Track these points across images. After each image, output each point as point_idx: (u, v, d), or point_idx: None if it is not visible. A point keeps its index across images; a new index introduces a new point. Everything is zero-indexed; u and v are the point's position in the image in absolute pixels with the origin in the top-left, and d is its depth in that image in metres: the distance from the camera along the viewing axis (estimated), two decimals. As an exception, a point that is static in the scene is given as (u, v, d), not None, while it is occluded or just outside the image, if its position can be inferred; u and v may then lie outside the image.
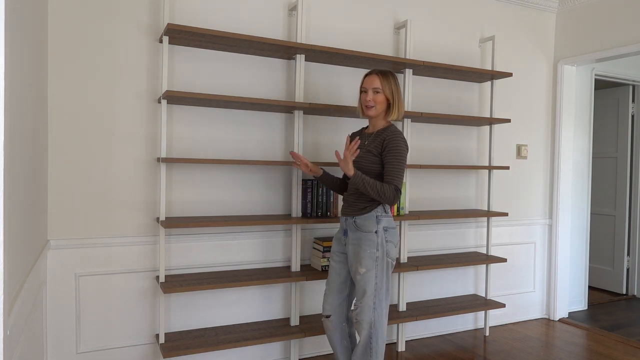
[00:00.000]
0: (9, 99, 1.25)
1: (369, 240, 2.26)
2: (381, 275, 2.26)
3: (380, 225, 2.27)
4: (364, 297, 2.26)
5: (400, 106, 2.37)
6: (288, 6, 2.90)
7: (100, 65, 2.46)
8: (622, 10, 3.45)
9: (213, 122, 2.72)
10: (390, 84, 2.34)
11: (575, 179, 4.07)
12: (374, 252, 2.25)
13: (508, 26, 3.69)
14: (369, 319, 2.25)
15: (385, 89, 2.33)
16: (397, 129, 2.34)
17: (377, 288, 2.26)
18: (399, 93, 2.36)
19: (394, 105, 2.35)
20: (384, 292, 2.28)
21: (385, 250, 2.27)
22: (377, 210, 2.29)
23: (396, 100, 2.35)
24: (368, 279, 2.25)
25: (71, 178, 2.42)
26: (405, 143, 2.31)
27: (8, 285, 1.30)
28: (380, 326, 2.28)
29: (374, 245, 2.25)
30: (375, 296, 2.25)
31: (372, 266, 2.24)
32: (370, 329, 2.26)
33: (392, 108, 2.36)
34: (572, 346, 3.35)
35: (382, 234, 2.27)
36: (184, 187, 2.66)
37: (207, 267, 2.74)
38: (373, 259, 2.25)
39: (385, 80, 2.33)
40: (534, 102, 3.85)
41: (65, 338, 2.44)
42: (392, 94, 2.34)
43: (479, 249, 3.63)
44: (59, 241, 2.40)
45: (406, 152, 2.30)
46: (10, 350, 1.32)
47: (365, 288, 2.25)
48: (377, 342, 2.28)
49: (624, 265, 4.66)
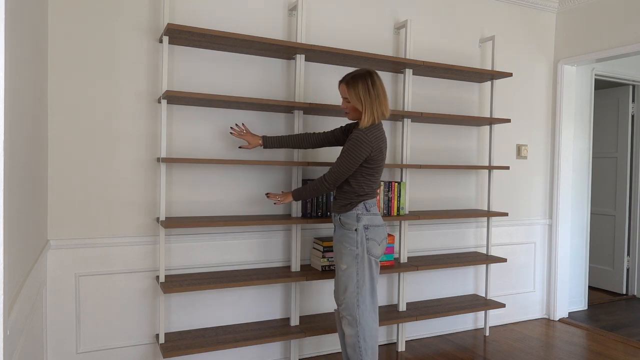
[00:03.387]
0: (9, 99, 1.25)
1: (349, 238, 2.32)
2: (362, 273, 2.31)
3: (360, 224, 2.32)
4: (346, 293, 2.32)
5: (374, 110, 2.26)
6: (288, 6, 2.90)
7: (100, 65, 2.46)
8: (622, 10, 3.45)
9: (213, 122, 2.72)
10: (358, 90, 2.26)
11: (575, 179, 4.08)
12: (354, 250, 2.30)
13: (508, 26, 3.69)
14: (353, 316, 2.31)
15: (351, 97, 2.28)
16: (365, 129, 2.25)
17: (359, 285, 2.31)
18: (372, 96, 2.25)
19: (365, 110, 2.26)
20: (368, 289, 2.33)
21: (365, 247, 2.31)
22: (358, 208, 2.33)
23: (366, 106, 2.25)
24: (349, 276, 2.31)
25: (71, 178, 2.42)
26: (364, 145, 2.23)
27: (8, 285, 1.30)
28: (367, 324, 2.32)
29: (353, 242, 2.30)
30: (358, 293, 2.31)
31: (353, 263, 2.30)
32: (357, 327, 2.31)
33: (363, 114, 2.27)
34: (572, 346, 3.35)
35: (362, 232, 2.31)
36: (184, 187, 2.66)
37: (207, 267, 2.74)
38: (353, 256, 2.30)
39: (351, 88, 2.27)
40: (534, 102, 3.85)
41: (65, 338, 2.44)
42: (360, 100, 2.26)
43: (479, 249, 3.63)
44: (59, 241, 2.40)
45: (357, 152, 2.23)
46: (10, 350, 1.32)
47: (347, 284, 2.31)
48: (364, 340, 2.31)
49: (624, 265, 4.66)
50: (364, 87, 2.26)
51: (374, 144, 2.26)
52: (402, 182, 3.07)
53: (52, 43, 2.36)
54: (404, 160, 3.13)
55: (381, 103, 2.29)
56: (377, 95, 2.27)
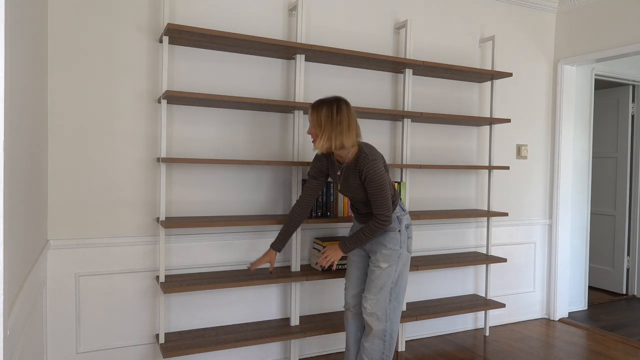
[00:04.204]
0: (9, 99, 1.25)
1: (392, 239, 2.35)
2: (401, 270, 2.38)
3: (402, 224, 2.37)
4: (382, 290, 2.34)
5: (332, 137, 2.18)
6: (288, 6, 2.90)
7: (100, 65, 2.46)
8: (622, 10, 3.45)
9: (213, 122, 2.72)
10: (320, 115, 2.20)
11: (575, 179, 4.07)
12: (398, 250, 2.35)
13: (508, 26, 3.69)
14: (384, 312, 2.35)
15: (312, 120, 2.24)
16: (369, 153, 2.23)
17: (394, 282, 2.36)
18: (334, 123, 2.18)
19: (322, 135, 2.19)
20: (402, 286, 2.40)
21: (407, 246, 2.39)
22: (396, 211, 2.37)
23: (325, 131, 2.19)
24: (389, 274, 2.34)
25: (71, 178, 2.43)
26: (380, 165, 2.21)
27: (8, 285, 1.30)
28: (396, 319, 2.40)
29: (397, 242, 2.35)
30: (392, 289, 2.36)
31: (395, 262, 2.34)
32: (386, 322, 2.36)
33: (318, 138, 2.21)
34: (572, 346, 3.35)
35: (404, 232, 2.38)
36: (184, 187, 2.66)
37: (207, 267, 2.74)
38: (397, 256, 2.35)
39: (314, 112, 2.23)
40: (534, 102, 3.85)
41: (65, 338, 2.44)
42: (320, 124, 2.20)
43: (479, 249, 3.63)
44: (59, 241, 2.40)
45: (385, 175, 2.23)
46: (10, 350, 1.32)
47: (385, 281, 2.34)
48: (391, 335, 2.38)
49: (624, 265, 4.66)
50: (328, 112, 2.20)
51: (380, 160, 2.25)
52: (402, 182, 3.07)
53: (52, 43, 2.36)
54: (404, 160, 3.13)
55: (342, 132, 2.19)
56: (339, 123, 2.19)
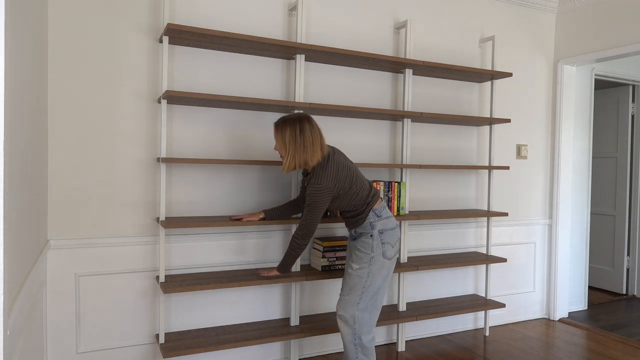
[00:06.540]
0: (9, 98, 1.25)
1: (365, 243, 2.36)
2: (373, 275, 2.33)
3: (375, 230, 2.36)
4: (351, 292, 2.34)
5: (297, 157, 2.25)
6: (288, 6, 2.90)
7: (100, 65, 2.46)
8: (622, 10, 3.45)
9: (213, 122, 2.72)
10: (284, 136, 2.26)
11: (575, 179, 4.07)
12: (369, 253, 2.34)
13: (508, 26, 3.69)
14: (352, 315, 2.32)
15: (277, 140, 2.31)
16: (324, 166, 2.27)
17: (365, 286, 2.33)
18: (298, 143, 2.24)
19: (287, 156, 2.26)
20: (374, 290, 2.34)
21: (381, 251, 2.34)
22: (369, 217, 2.37)
23: (290, 152, 2.25)
24: (359, 275, 2.33)
25: (71, 178, 2.42)
26: (324, 189, 2.23)
27: (8, 285, 1.30)
28: (367, 326, 2.34)
29: (368, 247, 2.34)
30: (362, 293, 2.32)
31: (367, 264, 2.33)
32: (354, 325, 2.33)
33: (285, 159, 2.28)
34: (572, 346, 3.35)
35: (377, 237, 2.35)
36: (184, 187, 2.66)
37: (207, 267, 2.74)
38: (368, 258, 2.33)
39: (279, 132, 2.29)
40: (534, 102, 3.85)
41: (65, 338, 2.44)
42: (284, 145, 2.27)
43: (479, 249, 3.63)
44: (59, 241, 2.40)
45: (320, 204, 2.25)
46: (10, 350, 1.32)
47: (356, 283, 2.33)
48: (363, 344, 2.34)
49: (624, 265, 4.66)
50: (292, 133, 2.25)
51: (332, 185, 2.25)
52: (402, 182, 3.07)
53: (52, 43, 2.36)
54: (404, 160, 3.13)
55: (306, 151, 2.25)
56: (302, 142, 2.24)
